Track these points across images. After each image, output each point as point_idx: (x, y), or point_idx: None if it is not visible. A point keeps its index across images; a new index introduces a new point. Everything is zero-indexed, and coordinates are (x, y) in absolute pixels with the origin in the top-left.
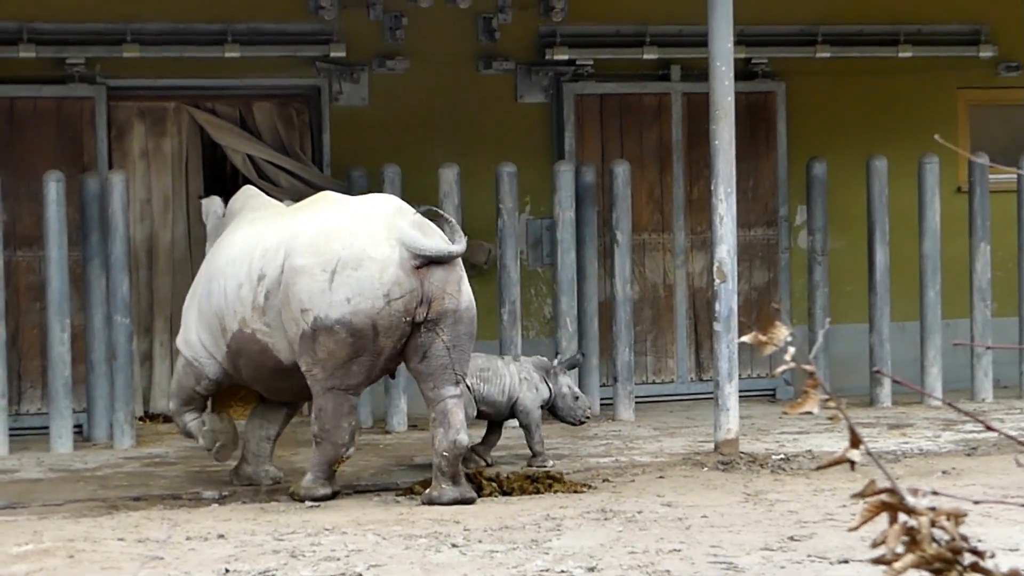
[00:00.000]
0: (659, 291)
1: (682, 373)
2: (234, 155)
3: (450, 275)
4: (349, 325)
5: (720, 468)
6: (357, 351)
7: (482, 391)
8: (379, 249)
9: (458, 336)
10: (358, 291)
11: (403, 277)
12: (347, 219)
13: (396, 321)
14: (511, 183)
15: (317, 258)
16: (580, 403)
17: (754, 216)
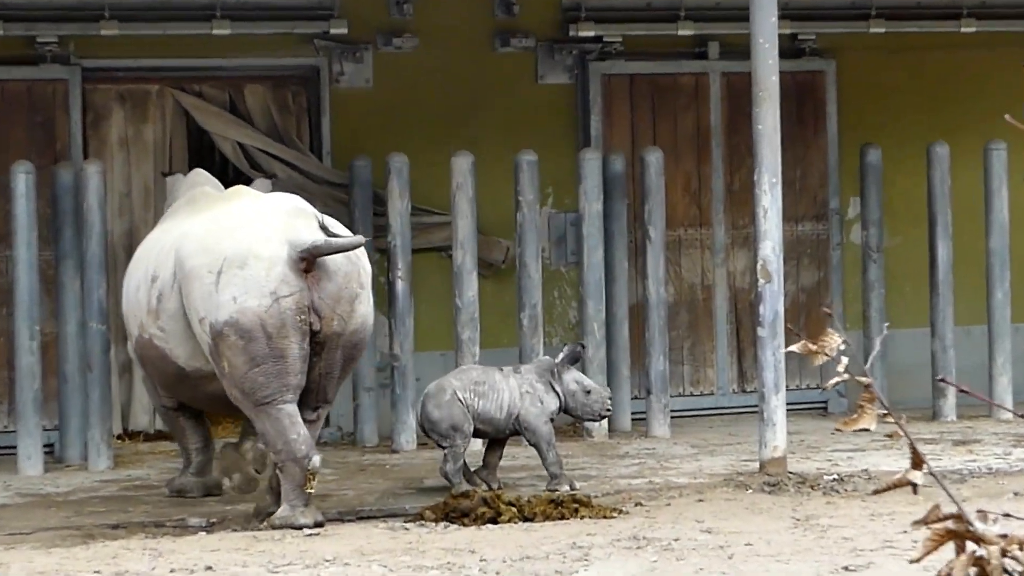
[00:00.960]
0: (697, 293)
1: (723, 384)
2: (223, 143)
3: (342, 291)
4: (236, 325)
5: (766, 490)
6: (253, 356)
7: (477, 407)
8: (267, 247)
9: (333, 363)
10: (244, 290)
11: (291, 276)
12: (238, 217)
13: (289, 320)
14: (531, 173)
15: (205, 259)
16: (594, 396)
17: (802, 209)
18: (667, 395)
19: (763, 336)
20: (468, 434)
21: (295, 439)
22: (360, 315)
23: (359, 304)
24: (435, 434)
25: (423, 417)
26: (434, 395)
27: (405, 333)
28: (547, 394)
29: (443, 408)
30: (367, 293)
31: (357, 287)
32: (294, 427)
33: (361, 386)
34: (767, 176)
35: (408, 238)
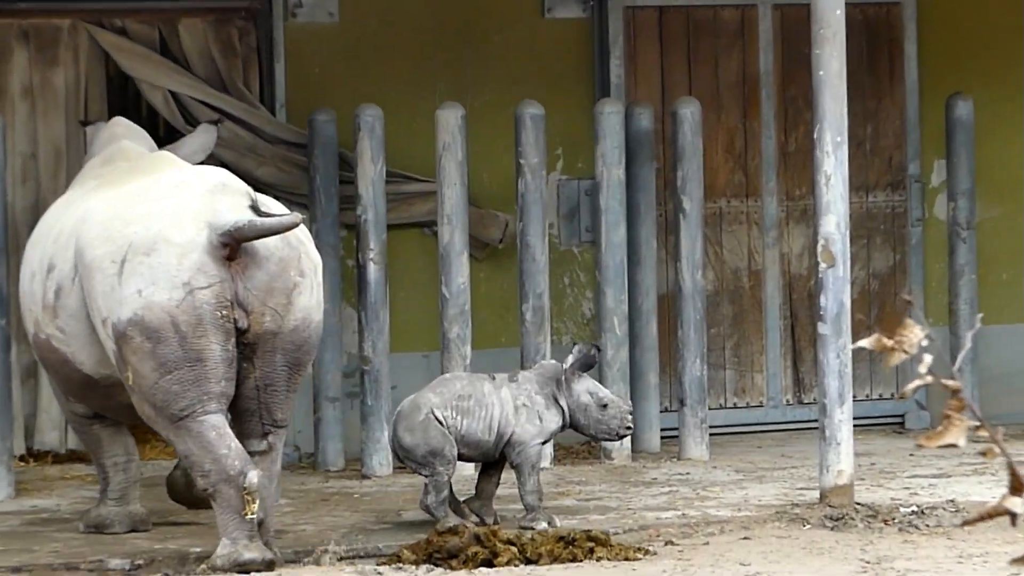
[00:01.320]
0: (742, 280)
1: (774, 394)
2: (152, 92)
3: (276, 281)
4: (141, 324)
5: (828, 526)
6: (163, 362)
7: (460, 427)
8: (180, 231)
9: (273, 372)
10: (150, 280)
11: (209, 264)
12: (149, 196)
13: (207, 316)
14: (536, 130)
15: (108, 247)
16: (612, 411)
17: (874, 175)
18: (704, 407)
19: (825, 334)
20: (451, 459)
21: (225, 454)
22: (300, 309)
23: (298, 296)
24: (411, 462)
25: (395, 442)
26: (406, 415)
27: (378, 329)
28: (548, 409)
29: (417, 431)
30: (310, 283)
31: (296, 276)
32: (222, 440)
33: (323, 395)
34: (830, 134)
35: (382, 211)
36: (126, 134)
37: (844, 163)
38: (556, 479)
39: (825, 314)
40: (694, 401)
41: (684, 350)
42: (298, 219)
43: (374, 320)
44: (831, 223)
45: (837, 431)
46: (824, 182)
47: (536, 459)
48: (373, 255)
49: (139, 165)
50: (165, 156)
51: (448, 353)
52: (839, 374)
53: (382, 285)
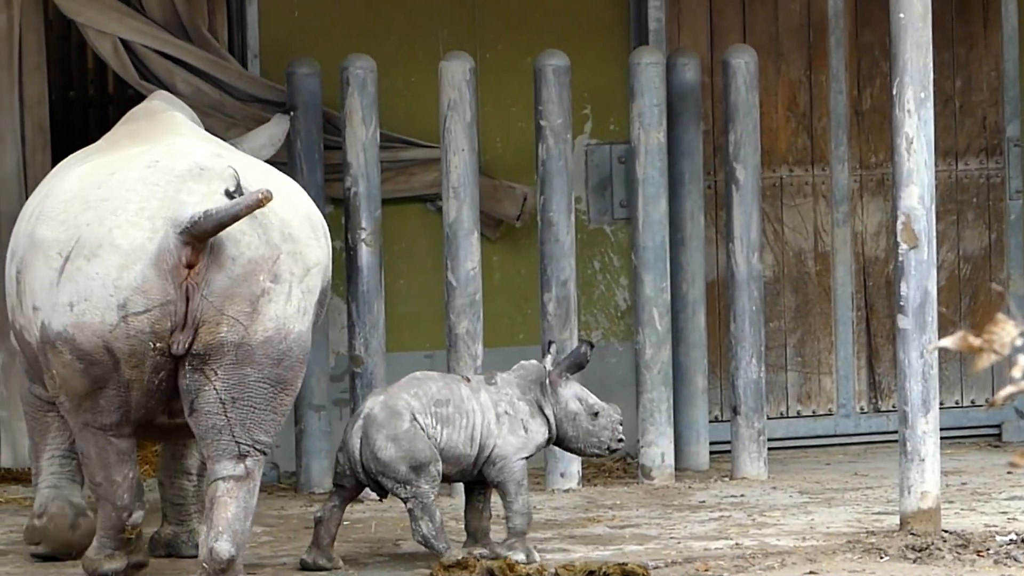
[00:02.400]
0: (807, 264)
1: (846, 400)
2: (99, 40)
3: (238, 288)
4: (72, 343)
5: (910, 557)
6: (95, 380)
7: (440, 438)
8: (131, 233)
9: (242, 384)
10: (85, 294)
11: (153, 281)
12: (119, 175)
13: (141, 347)
14: (560, 85)
15: (58, 232)
16: (601, 421)
17: (964, 138)
18: (763, 417)
19: (906, 328)
20: (437, 476)
21: (119, 482)
22: (272, 319)
23: (268, 304)
24: (387, 479)
25: (367, 456)
26: (385, 423)
27: (372, 323)
28: (533, 418)
29: (402, 442)
30: (288, 288)
31: (266, 281)
32: (122, 467)
33: (307, 403)
34: (912, 89)
35: (376, 182)
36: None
37: (929, 124)
38: (585, 502)
39: (906, 305)
40: (749, 409)
41: (738, 348)
42: (261, 196)
43: (367, 313)
44: (913, 196)
45: (921, 445)
46: (905, 147)
47: (521, 475)
48: (365, 235)
49: (142, 128)
50: (168, 120)
51: (456, 352)
52: (923, 376)
53: (376, 271)
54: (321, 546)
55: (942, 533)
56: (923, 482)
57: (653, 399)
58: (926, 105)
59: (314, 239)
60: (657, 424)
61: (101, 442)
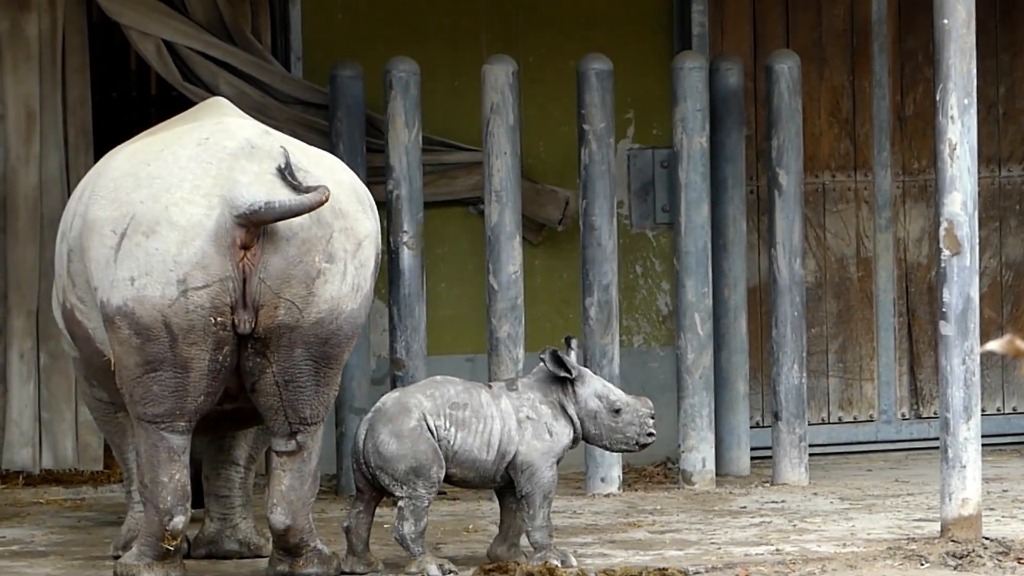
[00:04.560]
0: (849, 270)
1: (887, 407)
2: (143, 42)
3: (294, 269)
4: (132, 318)
5: (951, 564)
6: (149, 361)
7: (453, 441)
8: (187, 210)
9: (294, 367)
10: (145, 269)
11: (212, 257)
12: (170, 153)
13: (200, 323)
14: (603, 90)
15: (112, 211)
16: (627, 416)
17: (1007, 145)
18: (804, 423)
19: (948, 335)
20: (436, 482)
21: (164, 483)
22: (326, 300)
23: (324, 285)
24: (385, 475)
25: (369, 449)
26: (392, 416)
27: (413, 327)
28: (556, 421)
29: (405, 439)
30: (343, 268)
31: (321, 261)
32: (170, 467)
33: (347, 406)
34: (956, 95)
35: (418, 185)
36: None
37: (972, 130)
38: (626, 507)
39: (948, 311)
40: (791, 415)
41: (779, 354)
42: (323, 196)
43: (408, 316)
44: (956, 202)
45: (962, 451)
46: (948, 153)
47: (550, 487)
48: (407, 238)
49: (188, 113)
50: (214, 103)
51: (497, 355)
52: (965, 383)
53: (418, 274)
54: (356, 553)
55: (983, 540)
56: (964, 489)
57: (694, 404)
58: (969, 111)
59: (362, 211)
60: (698, 429)
61: (153, 438)
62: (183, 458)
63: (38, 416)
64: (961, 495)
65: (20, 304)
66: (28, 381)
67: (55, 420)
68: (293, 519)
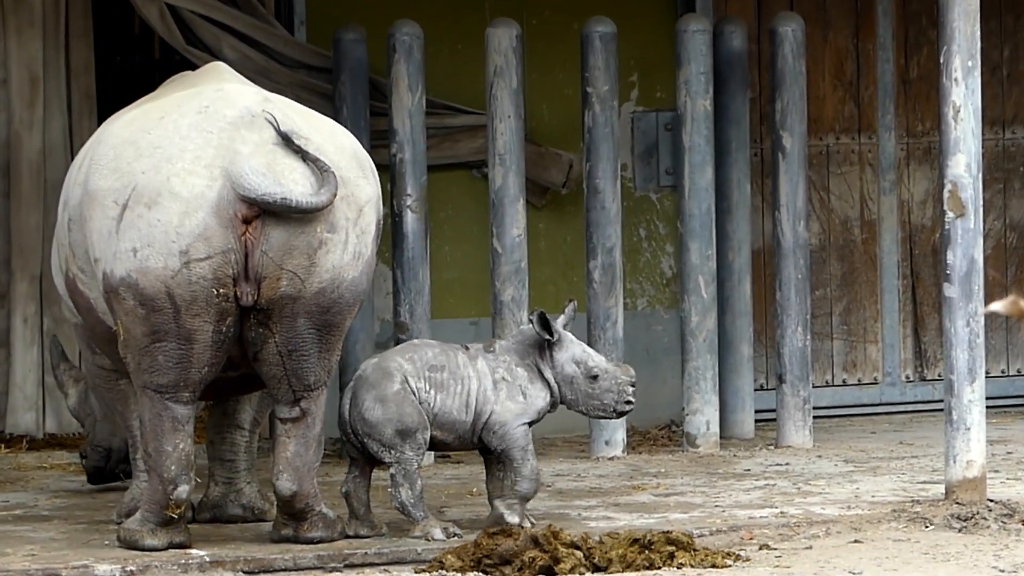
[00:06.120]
0: (853, 232)
1: (891, 369)
2: (146, 6)
3: (296, 240)
4: (136, 289)
5: (955, 527)
6: (155, 331)
7: (433, 403)
8: (189, 181)
9: (298, 336)
10: (147, 240)
11: (214, 229)
12: (170, 121)
13: (203, 294)
14: (606, 52)
15: (113, 180)
16: (604, 383)
17: (1012, 107)
18: (808, 385)
19: (952, 296)
20: (423, 444)
21: (168, 452)
22: (327, 270)
23: (325, 255)
24: (373, 441)
25: (355, 416)
26: (375, 382)
27: (417, 290)
28: (532, 383)
29: (389, 404)
30: (344, 236)
31: (323, 231)
32: (174, 436)
33: (351, 370)
34: (959, 58)
35: (422, 149)
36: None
37: (976, 92)
38: (630, 470)
39: (952, 273)
40: (795, 378)
41: (783, 316)
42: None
43: (412, 280)
44: (960, 164)
45: (967, 413)
46: (952, 115)
47: (525, 441)
48: (411, 202)
49: (188, 77)
50: (212, 68)
51: (501, 319)
52: (969, 345)
53: (421, 238)
54: (359, 516)
55: (987, 502)
56: (969, 451)
57: (698, 367)
58: (973, 74)
59: (363, 177)
60: (702, 392)
61: (157, 407)
62: (187, 427)
63: (41, 380)
64: (965, 457)
65: (23, 269)
66: (32, 345)
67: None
68: (299, 485)
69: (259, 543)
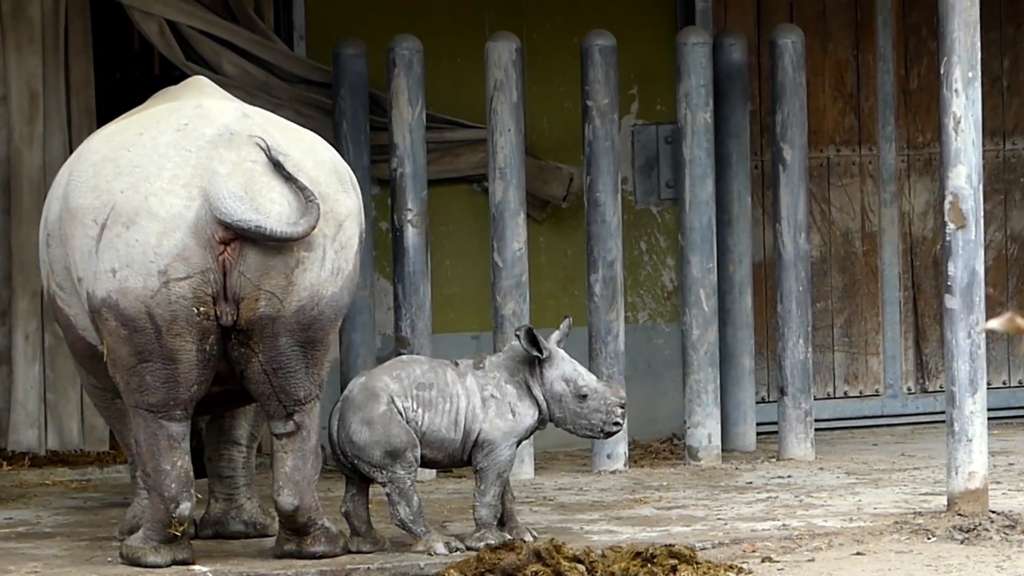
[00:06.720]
0: (854, 244)
1: (893, 381)
2: (145, 22)
3: (273, 261)
4: (117, 310)
5: (957, 538)
6: (139, 351)
7: (421, 422)
8: (167, 200)
9: (281, 355)
10: (126, 260)
11: (193, 249)
12: (149, 138)
13: (183, 313)
14: (607, 65)
15: (92, 199)
16: (592, 403)
17: (1012, 118)
18: (810, 398)
19: (953, 308)
20: (414, 463)
21: (167, 471)
22: (305, 288)
23: (302, 274)
24: (363, 463)
25: (343, 439)
26: (360, 404)
27: (418, 305)
28: (521, 401)
29: (376, 426)
30: (321, 253)
31: (300, 251)
32: (171, 454)
33: None
34: (960, 69)
35: (422, 163)
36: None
37: (977, 103)
38: (632, 483)
39: (953, 285)
40: (796, 390)
41: (785, 329)
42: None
43: (413, 294)
44: (961, 176)
45: (968, 425)
46: (952, 126)
47: (506, 466)
48: (411, 216)
49: (174, 91)
50: (194, 82)
51: (501, 333)
52: (970, 356)
53: (422, 252)
54: (361, 533)
55: (990, 514)
56: (971, 462)
57: (700, 380)
58: (974, 85)
59: (342, 191)
60: (704, 405)
61: (152, 426)
62: (183, 444)
63: (43, 397)
64: (967, 469)
65: (25, 285)
66: (33, 362)
67: (60, 401)
68: (300, 499)
69: (262, 559)
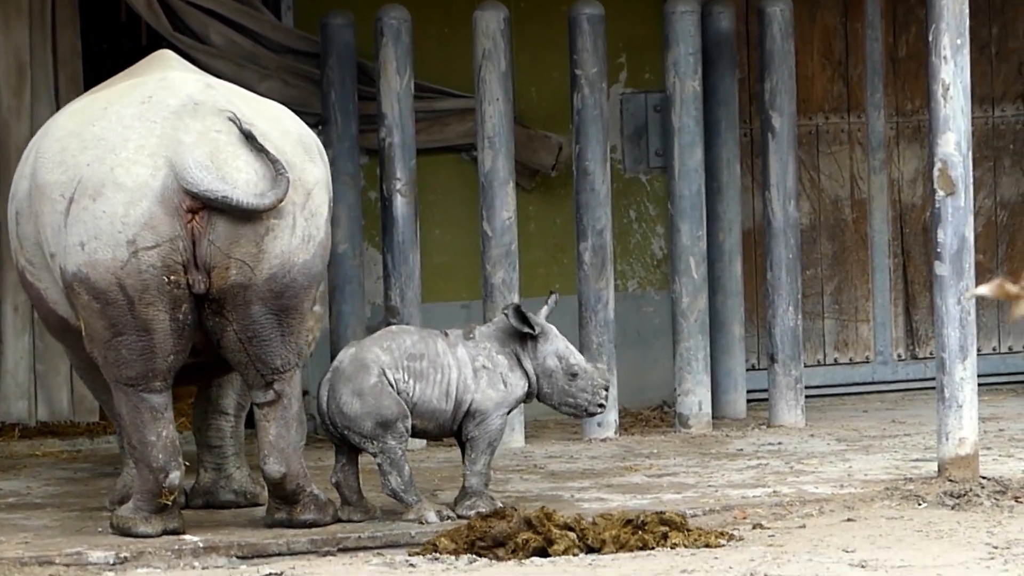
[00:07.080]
0: (843, 212)
1: (883, 348)
2: None
3: (243, 229)
4: (88, 283)
5: (948, 504)
6: (113, 324)
7: (412, 393)
8: (133, 171)
9: (255, 323)
10: (94, 232)
11: (160, 218)
12: (114, 112)
13: (153, 282)
14: (595, 34)
15: (59, 174)
16: (581, 382)
17: (1001, 85)
18: (800, 365)
19: (942, 275)
20: (404, 433)
21: (153, 442)
22: (276, 256)
23: (273, 241)
24: (353, 434)
25: (333, 410)
26: (351, 375)
27: (408, 274)
28: (512, 372)
29: (367, 397)
30: (291, 221)
31: (269, 218)
32: (156, 425)
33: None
34: (948, 36)
35: (411, 133)
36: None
37: (965, 70)
38: (623, 451)
39: (943, 251)
40: (787, 357)
41: (774, 296)
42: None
43: (402, 263)
44: (950, 142)
45: (958, 391)
46: (941, 93)
47: (497, 435)
48: (400, 186)
49: (138, 66)
50: (158, 56)
51: (491, 302)
52: (960, 323)
53: (411, 221)
54: (351, 503)
55: (980, 479)
56: (961, 428)
57: (690, 348)
58: (962, 52)
59: (309, 160)
60: (694, 373)
61: (133, 400)
62: (167, 414)
63: (33, 368)
64: (958, 435)
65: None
66: (23, 334)
67: (50, 372)
68: (287, 466)
69: (252, 528)
